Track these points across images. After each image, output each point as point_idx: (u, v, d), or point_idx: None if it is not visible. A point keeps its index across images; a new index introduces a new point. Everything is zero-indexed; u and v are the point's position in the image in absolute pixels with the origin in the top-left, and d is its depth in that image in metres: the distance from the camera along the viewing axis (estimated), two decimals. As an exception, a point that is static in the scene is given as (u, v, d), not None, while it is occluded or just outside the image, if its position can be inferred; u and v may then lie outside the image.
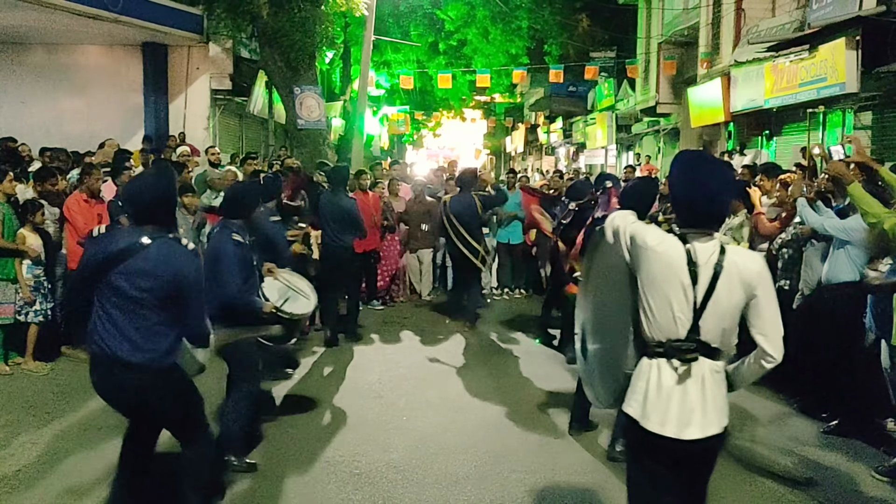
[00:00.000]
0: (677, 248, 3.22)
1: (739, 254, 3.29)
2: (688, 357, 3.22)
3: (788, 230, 7.49)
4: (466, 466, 5.76)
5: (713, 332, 3.24)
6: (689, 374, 3.25)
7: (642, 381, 3.30)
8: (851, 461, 6.04)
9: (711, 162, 3.44)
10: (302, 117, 16.95)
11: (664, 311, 3.23)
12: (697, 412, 3.23)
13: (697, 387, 3.25)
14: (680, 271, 3.20)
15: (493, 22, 28.61)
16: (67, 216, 8.28)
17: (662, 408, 3.24)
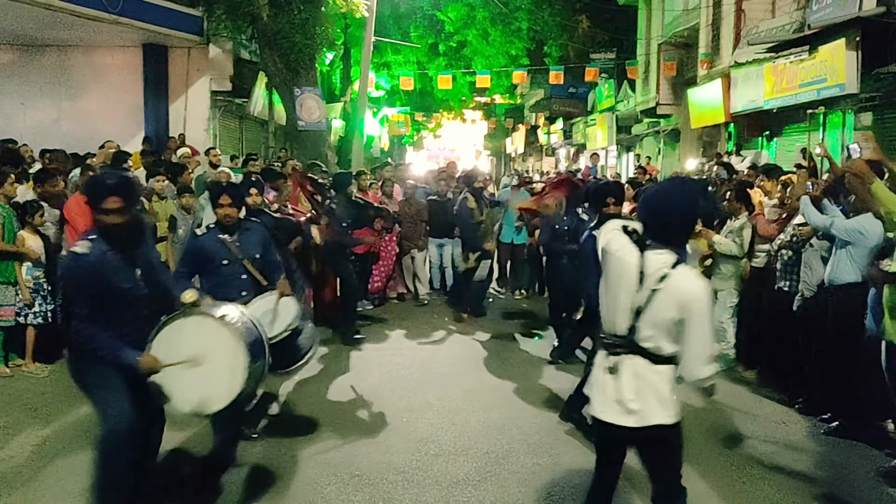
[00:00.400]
0: (633, 255, 3.61)
1: (684, 275, 3.58)
2: (615, 351, 3.67)
3: (787, 231, 7.48)
4: (466, 468, 5.75)
5: (648, 336, 3.59)
6: (622, 369, 3.66)
7: (595, 368, 3.81)
8: (852, 462, 6.04)
9: (681, 184, 4.03)
10: (302, 119, 16.98)
11: (611, 308, 3.69)
12: (633, 404, 3.62)
13: (630, 381, 3.63)
14: (628, 275, 3.60)
15: (493, 23, 28.62)
16: (68, 218, 8.28)
17: (600, 395, 3.72)
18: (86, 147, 12.51)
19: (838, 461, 6.07)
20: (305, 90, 17.05)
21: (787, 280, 7.43)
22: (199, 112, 17.03)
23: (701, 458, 6.03)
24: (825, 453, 6.23)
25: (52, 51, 16.36)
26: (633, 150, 28.37)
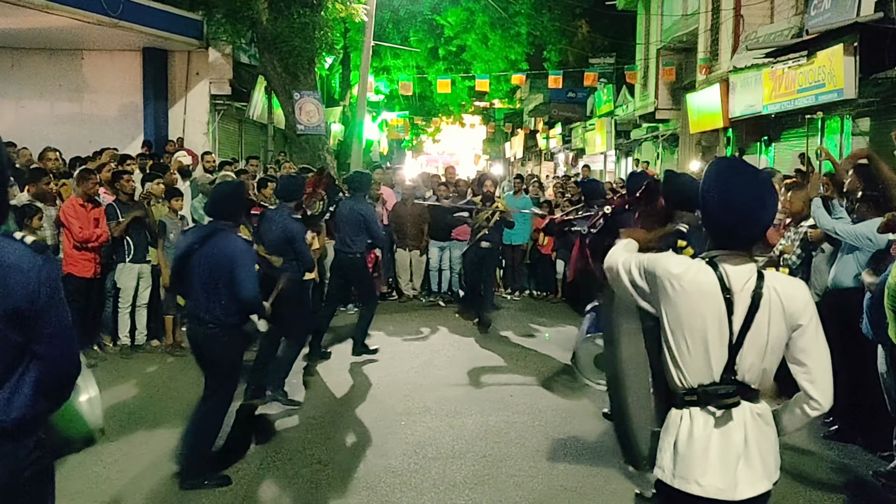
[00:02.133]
0: (707, 275, 2.76)
1: (780, 280, 2.82)
2: (727, 403, 2.74)
3: (789, 236, 7.48)
4: (464, 471, 5.76)
5: (752, 370, 2.78)
6: (729, 422, 2.77)
7: (671, 436, 2.82)
8: (851, 465, 6.06)
9: (752, 174, 2.88)
10: (301, 122, 16.99)
11: (696, 351, 2.76)
12: (742, 466, 2.76)
13: (740, 436, 2.76)
14: (712, 301, 2.74)
15: (493, 28, 28.67)
16: (64, 221, 8.28)
17: (700, 465, 2.74)
18: (85, 150, 12.52)
19: (836, 464, 6.09)
20: (304, 94, 17.07)
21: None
22: (198, 116, 17.05)
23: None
24: (823, 456, 6.25)
25: (51, 54, 16.38)
26: (632, 155, 28.40)
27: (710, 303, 2.74)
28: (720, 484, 2.72)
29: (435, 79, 28.70)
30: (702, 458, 2.74)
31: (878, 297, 5.84)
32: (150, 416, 6.86)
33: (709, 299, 2.74)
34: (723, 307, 2.73)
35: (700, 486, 2.73)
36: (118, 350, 8.85)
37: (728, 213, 2.80)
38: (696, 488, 2.73)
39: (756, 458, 2.78)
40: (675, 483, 2.78)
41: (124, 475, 5.56)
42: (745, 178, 2.83)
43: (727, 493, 2.72)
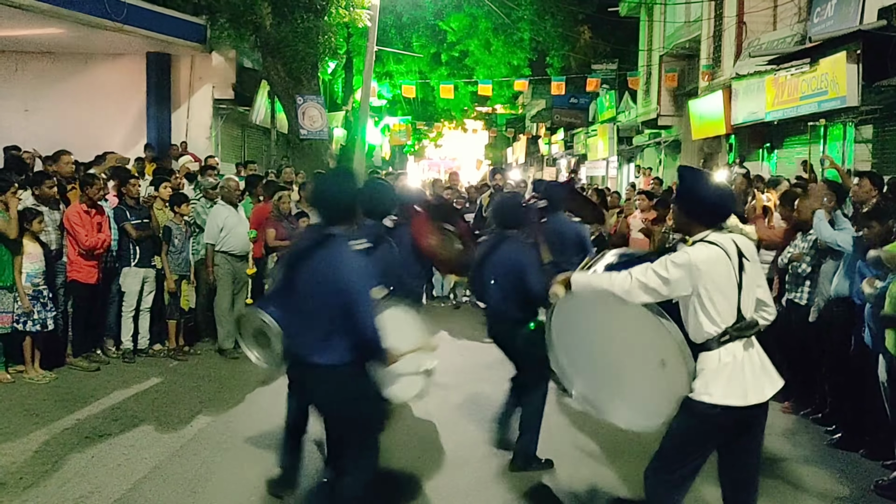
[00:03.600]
0: (714, 250, 3.80)
1: (742, 238, 3.95)
2: (749, 333, 3.87)
3: (796, 244, 7.47)
4: (467, 478, 5.75)
5: (749, 307, 3.89)
6: (750, 348, 3.88)
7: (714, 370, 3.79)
8: (854, 475, 6.04)
9: (711, 174, 4.19)
10: (304, 127, 17.02)
11: (726, 304, 3.79)
12: (764, 376, 3.91)
13: (756, 356, 3.91)
14: (724, 266, 3.80)
15: (495, 33, 28.69)
16: (68, 227, 8.29)
17: (742, 382, 3.80)
18: (89, 154, 12.52)
19: (838, 474, 6.07)
20: (307, 99, 17.10)
21: (796, 292, 7.41)
22: (201, 120, 17.09)
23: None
24: (825, 465, 6.23)
25: (55, 58, 16.42)
26: (634, 161, 28.40)
27: (723, 267, 3.79)
28: (756, 392, 3.84)
29: (437, 84, 28.70)
30: (741, 377, 3.81)
31: (879, 308, 5.85)
32: (153, 420, 6.86)
33: (722, 265, 3.79)
34: (730, 268, 3.79)
35: (746, 397, 3.80)
36: (121, 354, 8.85)
37: (712, 202, 3.95)
38: (744, 399, 3.80)
39: (768, 368, 3.96)
40: (710, 399, 3.77)
41: (128, 479, 5.55)
42: (712, 176, 4.17)
43: (762, 397, 3.87)
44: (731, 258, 3.79)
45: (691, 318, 3.84)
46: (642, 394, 4.21)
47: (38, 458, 5.92)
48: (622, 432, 6.70)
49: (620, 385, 4.31)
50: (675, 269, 3.77)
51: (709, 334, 3.80)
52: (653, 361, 4.03)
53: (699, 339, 3.83)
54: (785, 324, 7.61)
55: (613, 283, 3.92)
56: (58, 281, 8.34)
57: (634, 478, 5.75)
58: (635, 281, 3.84)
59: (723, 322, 3.78)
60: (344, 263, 4.03)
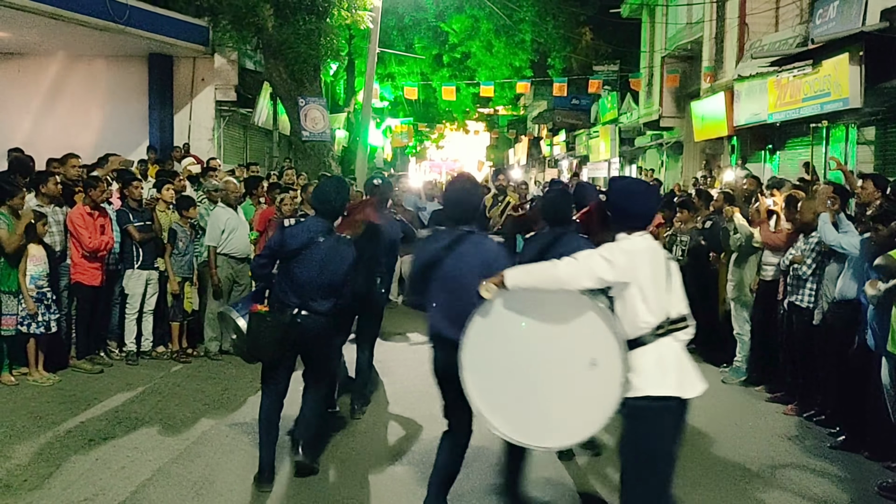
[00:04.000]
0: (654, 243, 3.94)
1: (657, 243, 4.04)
2: (679, 328, 3.88)
3: (799, 246, 7.48)
4: (471, 481, 5.75)
5: (676, 307, 3.90)
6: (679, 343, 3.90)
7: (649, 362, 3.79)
8: (857, 477, 6.05)
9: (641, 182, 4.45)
10: (306, 129, 17.01)
11: (662, 297, 3.84)
12: (694, 372, 3.96)
13: (686, 353, 3.95)
14: (665, 263, 3.91)
15: (497, 35, 28.71)
16: (71, 229, 8.30)
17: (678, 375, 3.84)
18: (91, 156, 12.53)
19: (841, 475, 6.08)
20: (310, 101, 17.10)
21: (798, 294, 7.41)
22: (203, 122, 17.07)
23: (705, 472, 6.05)
24: (829, 467, 6.24)
25: (57, 60, 16.42)
26: (636, 163, 28.39)
27: (659, 261, 3.88)
28: (692, 387, 3.89)
29: (439, 85, 28.75)
30: (680, 369, 3.85)
31: (882, 309, 5.86)
32: (156, 423, 6.87)
33: (659, 258, 3.89)
34: (664, 264, 3.88)
35: (682, 389, 3.83)
36: (124, 356, 8.86)
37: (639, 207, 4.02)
38: (684, 391, 3.85)
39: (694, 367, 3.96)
40: (663, 391, 3.78)
41: (132, 482, 5.56)
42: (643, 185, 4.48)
43: (696, 392, 3.92)
44: (662, 254, 3.93)
45: (629, 310, 3.80)
46: (573, 403, 3.92)
47: (42, 460, 5.93)
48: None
49: (546, 402, 3.98)
50: (621, 254, 3.79)
51: (645, 326, 3.78)
52: (581, 363, 3.85)
53: (634, 332, 3.78)
54: (788, 326, 7.64)
55: (557, 266, 3.83)
56: (61, 283, 8.34)
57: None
58: (581, 263, 3.80)
59: (660, 313, 3.80)
60: (492, 250, 4.70)
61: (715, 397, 8.12)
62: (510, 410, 4.03)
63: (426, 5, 28.43)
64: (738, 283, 8.53)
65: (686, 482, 5.83)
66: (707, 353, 9.73)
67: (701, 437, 6.89)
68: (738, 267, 8.55)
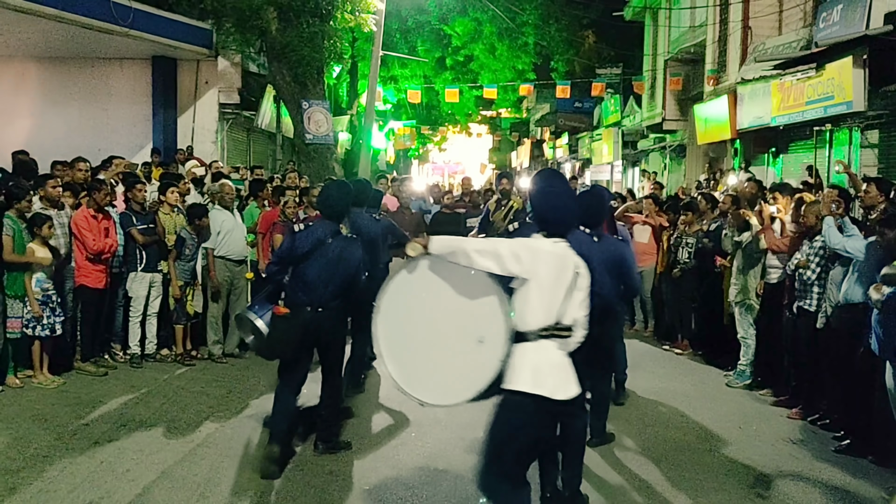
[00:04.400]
0: (566, 250, 4.03)
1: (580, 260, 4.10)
2: (564, 335, 4.00)
3: (804, 250, 7.47)
4: (475, 484, 5.74)
5: (570, 314, 4.01)
6: (562, 348, 4.02)
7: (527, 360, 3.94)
8: (862, 480, 6.04)
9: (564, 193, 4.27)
10: (310, 132, 17.02)
11: (555, 301, 3.97)
12: (570, 376, 4.03)
13: (566, 357, 4.04)
14: (570, 271, 4.01)
15: (500, 38, 28.75)
16: (76, 232, 8.31)
17: (551, 377, 3.95)
18: (95, 159, 12.53)
19: (846, 480, 6.07)
20: (313, 103, 17.11)
21: (806, 298, 7.40)
22: (207, 124, 17.12)
23: (709, 476, 6.04)
24: (833, 472, 6.22)
25: (61, 63, 16.47)
26: (639, 166, 28.39)
27: (563, 267, 3.98)
28: (563, 390, 3.96)
29: (442, 88, 28.80)
30: (552, 372, 3.95)
31: (887, 313, 5.85)
32: (161, 425, 6.86)
33: (562, 264, 3.99)
34: (568, 272, 3.98)
35: (551, 390, 3.92)
36: (128, 359, 8.87)
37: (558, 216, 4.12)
38: (553, 393, 3.92)
39: (572, 372, 4.04)
40: (528, 389, 3.89)
41: (136, 484, 5.56)
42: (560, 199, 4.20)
43: (567, 394, 3.98)
44: (572, 265, 4.01)
45: (522, 305, 3.95)
46: (453, 370, 4.17)
47: (47, 463, 5.93)
48: (647, 437, 6.73)
49: (433, 360, 4.27)
50: (526, 250, 3.93)
51: (533, 324, 3.93)
52: (472, 337, 4.07)
53: (522, 327, 3.93)
54: (794, 330, 7.63)
55: (473, 245, 3.99)
56: (66, 286, 8.35)
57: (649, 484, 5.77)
58: (490, 245, 3.98)
59: (550, 316, 3.94)
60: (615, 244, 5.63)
61: (719, 401, 8.13)
62: (404, 360, 4.31)
63: (429, 8, 28.48)
64: (743, 286, 8.52)
65: (689, 486, 5.84)
66: (711, 356, 9.75)
67: (705, 440, 6.89)
68: (742, 271, 8.54)
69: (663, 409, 7.85)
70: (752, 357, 8.56)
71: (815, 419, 7.29)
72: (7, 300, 7.73)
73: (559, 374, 3.98)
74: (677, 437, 7.00)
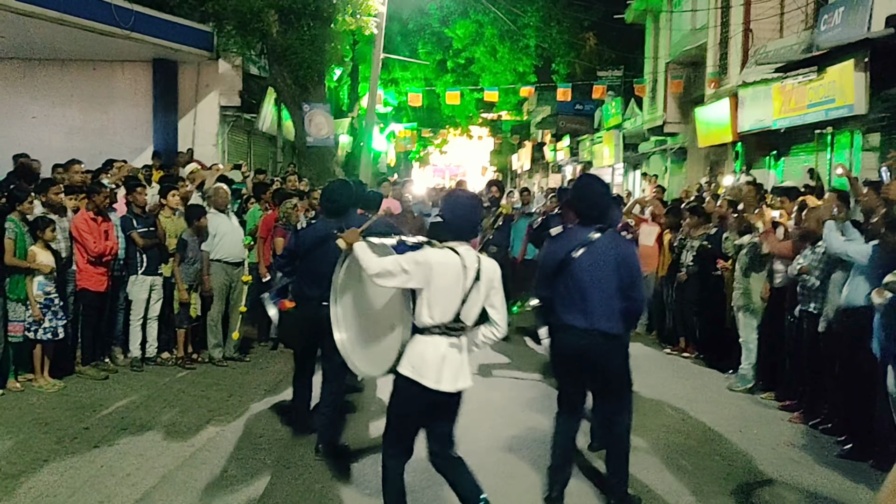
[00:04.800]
0: (452, 257, 4.45)
1: (486, 260, 4.58)
2: (452, 334, 4.46)
3: (806, 254, 7.46)
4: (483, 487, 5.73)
5: (469, 316, 4.50)
6: (453, 345, 4.48)
7: (418, 350, 4.46)
8: (863, 486, 6.03)
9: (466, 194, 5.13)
10: (311, 134, 17.04)
11: (447, 304, 4.43)
12: (458, 371, 4.49)
13: (461, 355, 4.52)
14: (456, 272, 4.43)
15: (501, 40, 28.76)
16: (76, 236, 8.31)
17: (436, 368, 4.41)
18: (95, 162, 12.55)
19: (848, 484, 6.06)
20: (314, 106, 17.13)
21: (810, 303, 7.39)
22: (207, 127, 17.10)
23: (710, 479, 6.03)
24: (835, 476, 6.22)
25: (62, 65, 16.46)
26: (640, 168, 28.36)
27: (453, 274, 4.42)
28: (449, 382, 4.43)
29: (443, 91, 28.82)
30: (439, 364, 4.41)
31: (889, 317, 5.84)
32: (162, 429, 6.86)
33: (453, 271, 4.42)
34: (461, 277, 4.42)
35: (439, 382, 4.41)
36: (129, 362, 8.87)
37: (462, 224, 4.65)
38: (436, 384, 4.41)
39: (464, 367, 4.52)
40: (413, 377, 4.42)
41: (138, 488, 5.55)
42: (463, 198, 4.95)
43: (452, 387, 4.46)
44: (467, 270, 4.43)
45: (418, 304, 4.48)
46: (376, 347, 4.84)
47: (47, 466, 5.92)
48: (648, 441, 6.71)
49: (364, 336, 4.96)
50: (416, 265, 4.40)
51: (425, 323, 4.45)
52: (388, 323, 4.70)
53: (418, 322, 4.47)
54: (796, 334, 7.63)
55: (378, 263, 4.45)
56: (67, 289, 8.34)
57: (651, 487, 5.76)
58: (385, 267, 4.41)
59: (439, 318, 4.43)
60: (625, 246, 5.44)
61: (721, 405, 8.13)
62: (351, 333, 5.01)
63: (430, 11, 28.51)
64: (746, 290, 8.51)
65: (690, 490, 5.83)
66: (713, 359, 9.74)
67: (706, 444, 6.89)
68: (745, 275, 8.53)
69: (664, 412, 7.84)
70: (753, 361, 8.56)
71: (817, 423, 7.29)
72: (9, 303, 7.73)
73: (444, 366, 4.43)
74: (678, 440, 6.99)
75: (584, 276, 5.21)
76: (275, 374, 8.83)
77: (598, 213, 5.38)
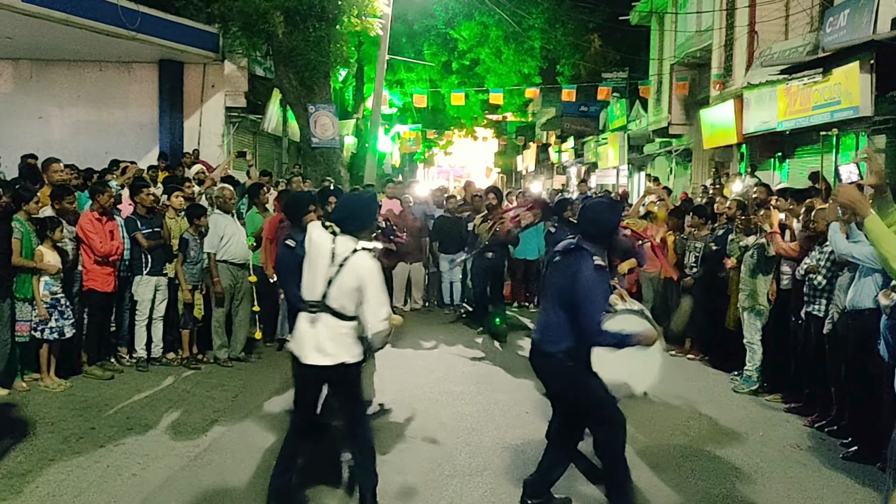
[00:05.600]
0: (328, 241, 4.82)
1: (363, 255, 4.80)
2: (313, 311, 4.87)
3: (812, 255, 7.45)
4: (481, 489, 5.75)
5: (336, 300, 4.81)
6: (318, 323, 4.85)
7: (298, 325, 4.99)
8: (869, 489, 6.01)
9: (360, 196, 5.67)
10: (316, 135, 17.06)
11: (311, 278, 4.90)
12: (325, 348, 4.84)
13: (324, 331, 4.84)
14: (325, 254, 4.81)
15: (506, 42, 28.73)
16: (81, 236, 8.32)
17: (301, 344, 4.92)
18: (101, 162, 12.58)
19: (854, 486, 6.05)
20: (319, 107, 17.16)
21: (815, 304, 7.38)
22: (213, 128, 17.15)
23: (715, 481, 6.03)
24: (841, 478, 6.20)
25: (69, 66, 16.52)
26: (645, 170, 28.36)
27: (322, 255, 4.83)
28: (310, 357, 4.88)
29: (448, 92, 28.79)
30: (303, 339, 4.91)
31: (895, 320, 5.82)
32: (167, 430, 6.88)
33: (322, 252, 4.84)
34: (328, 261, 4.80)
35: (302, 353, 4.91)
36: (134, 362, 8.89)
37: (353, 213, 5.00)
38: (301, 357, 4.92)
39: (332, 346, 4.85)
40: (296, 353, 4.95)
41: (142, 490, 5.56)
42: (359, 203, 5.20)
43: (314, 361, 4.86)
44: (335, 256, 4.78)
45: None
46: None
47: (54, 466, 5.94)
48: (652, 442, 6.70)
49: None
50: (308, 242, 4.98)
51: (304, 297, 4.97)
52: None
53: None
54: (802, 335, 7.62)
55: None
56: (73, 289, 8.36)
57: (669, 490, 5.75)
58: None
59: (307, 294, 4.93)
60: (582, 272, 4.76)
61: (725, 406, 8.11)
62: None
63: (435, 12, 28.49)
64: (752, 292, 8.50)
65: (695, 492, 5.82)
66: (717, 360, 9.72)
67: (711, 445, 6.87)
68: (751, 276, 8.52)
69: (669, 413, 7.83)
70: (758, 362, 8.54)
71: (823, 425, 7.28)
72: (17, 303, 7.74)
73: (311, 341, 4.86)
74: (683, 442, 6.98)
75: (546, 290, 5.20)
76: (280, 374, 8.84)
77: (603, 238, 5.01)
